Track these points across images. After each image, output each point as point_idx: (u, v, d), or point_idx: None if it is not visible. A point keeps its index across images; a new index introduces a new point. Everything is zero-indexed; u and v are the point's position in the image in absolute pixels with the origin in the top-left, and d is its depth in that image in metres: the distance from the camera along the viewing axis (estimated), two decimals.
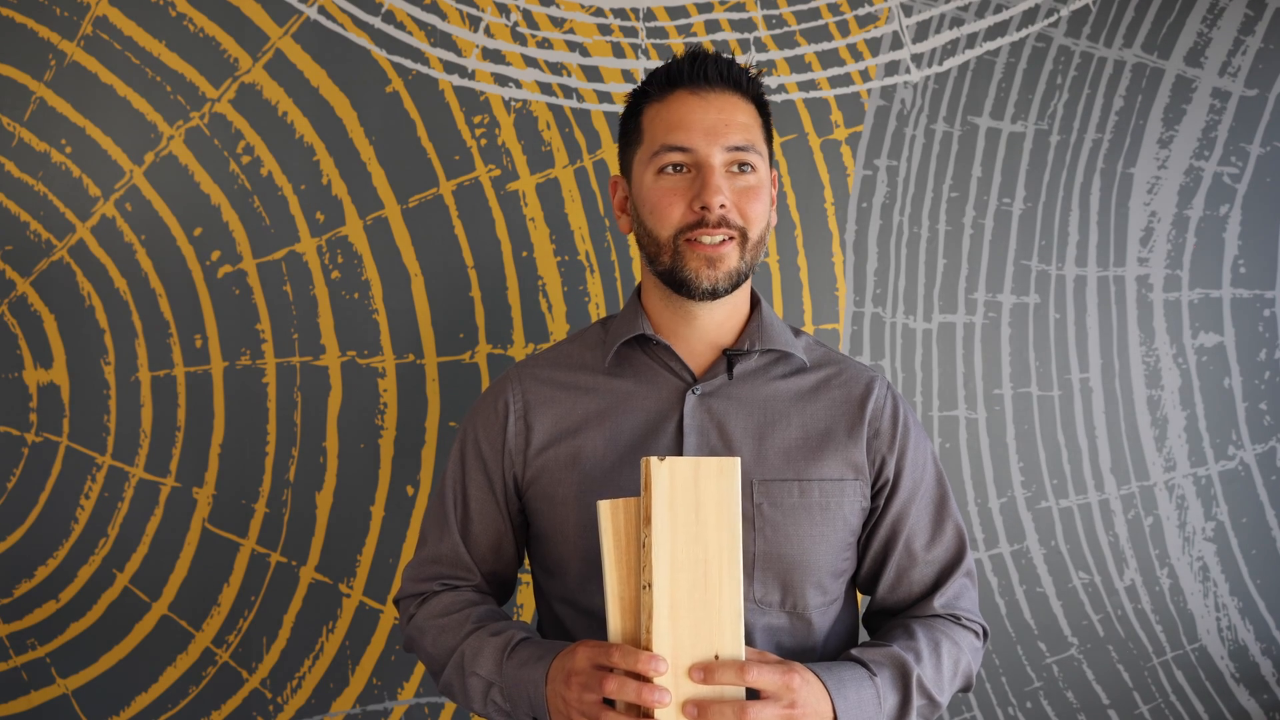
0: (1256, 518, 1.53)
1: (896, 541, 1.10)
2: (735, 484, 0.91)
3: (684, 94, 1.06)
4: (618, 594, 0.91)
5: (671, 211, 1.04)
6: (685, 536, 0.90)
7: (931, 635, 1.06)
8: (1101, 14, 1.51)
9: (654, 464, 0.90)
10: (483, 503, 1.13)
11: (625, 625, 0.92)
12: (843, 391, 1.11)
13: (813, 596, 1.06)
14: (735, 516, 0.91)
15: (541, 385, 1.13)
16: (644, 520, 0.90)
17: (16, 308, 1.44)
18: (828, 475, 1.06)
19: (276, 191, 1.45)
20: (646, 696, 0.87)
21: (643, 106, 1.09)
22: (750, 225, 1.05)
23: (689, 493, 0.90)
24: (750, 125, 1.07)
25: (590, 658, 0.92)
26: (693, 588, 0.90)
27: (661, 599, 0.89)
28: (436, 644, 1.07)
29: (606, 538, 0.91)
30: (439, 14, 1.46)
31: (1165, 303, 1.52)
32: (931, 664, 1.03)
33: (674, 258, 1.05)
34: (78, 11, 1.42)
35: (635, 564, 0.91)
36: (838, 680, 0.96)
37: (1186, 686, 1.53)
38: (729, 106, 1.06)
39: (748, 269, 1.07)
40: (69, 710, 1.45)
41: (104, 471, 1.45)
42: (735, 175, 1.05)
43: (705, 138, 1.04)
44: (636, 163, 1.09)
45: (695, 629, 0.90)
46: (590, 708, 0.90)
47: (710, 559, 0.90)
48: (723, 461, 0.91)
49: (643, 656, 0.88)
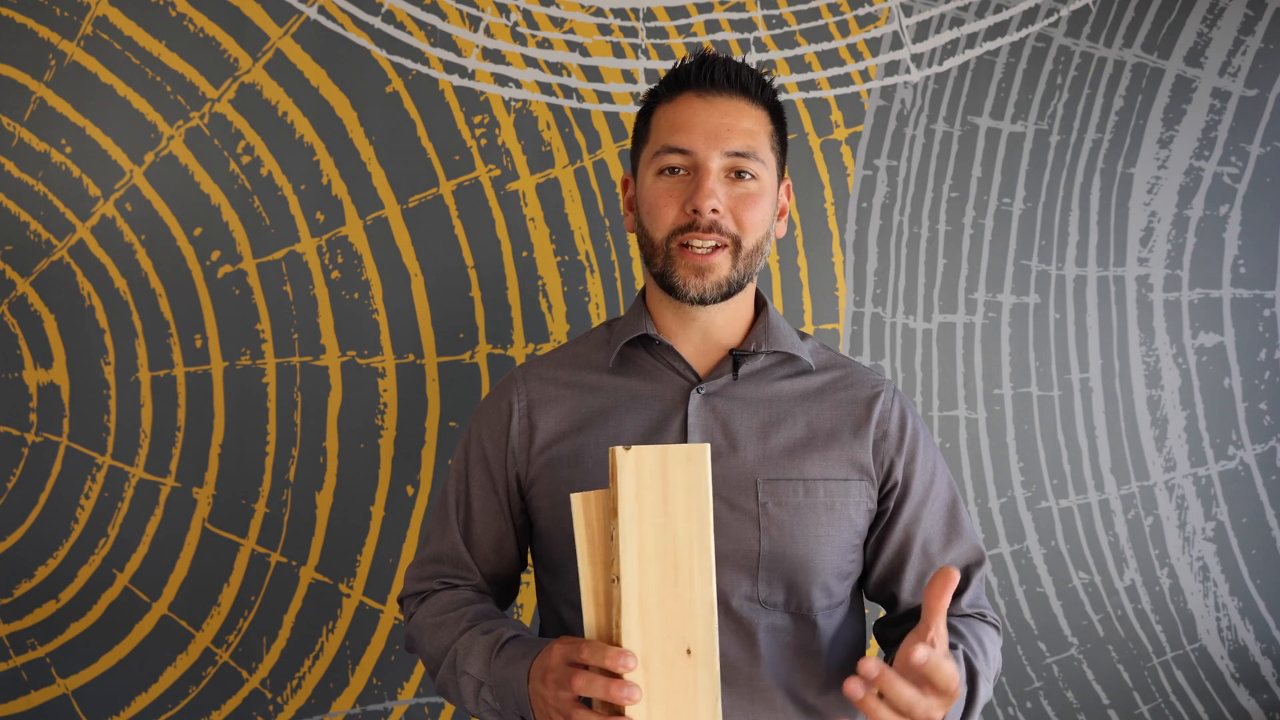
0: (1256, 518, 1.53)
1: (912, 546, 1.10)
2: (705, 471, 0.88)
3: (690, 96, 1.06)
4: (591, 588, 0.89)
5: (666, 213, 1.04)
6: (653, 527, 0.87)
7: (974, 632, 1.07)
8: (1101, 14, 1.51)
9: (619, 453, 0.87)
10: (485, 502, 1.13)
11: (600, 620, 0.90)
12: (849, 394, 1.10)
13: (818, 598, 1.06)
14: (706, 506, 0.88)
15: (546, 384, 1.13)
16: (611, 512, 0.88)
17: (16, 308, 1.44)
18: (833, 475, 1.06)
19: (276, 191, 1.45)
20: (615, 693, 0.85)
21: (654, 107, 1.10)
22: (745, 233, 1.04)
23: (656, 482, 0.87)
24: (755, 131, 1.06)
25: (564, 655, 0.91)
26: (663, 580, 0.87)
27: (630, 592, 0.86)
28: (433, 642, 1.07)
29: (579, 531, 0.89)
30: (439, 14, 1.46)
31: (1165, 303, 1.52)
32: (983, 660, 1.04)
33: (666, 261, 1.05)
34: (78, 11, 1.42)
35: (607, 557, 0.89)
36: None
37: (1186, 686, 1.53)
38: (734, 111, 1.05)
39: (741, 277, 1.06)
40: (69, 710, 1.45)
41: (104, 471, 1.45)
42: (734, 181, 1.05)
43: (705, 140, 1.03)
44: (641, 162, 1.09)
45: (666, 622, 0.87)
46: (564, 705, 0.89)
47: (680, 550, 0.88)
48: (691, 448, 0.88)
49: (611, 652, 0.86)
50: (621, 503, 0.87)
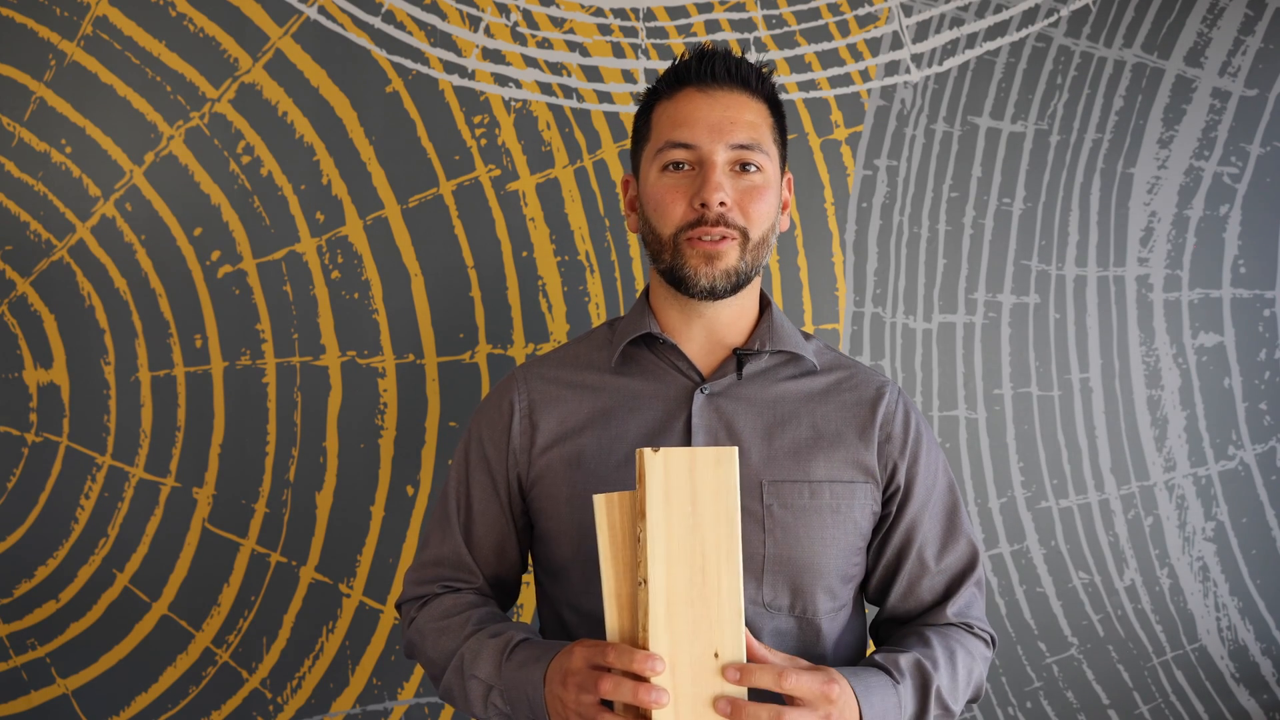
0: (1256, 518, 1.53)
1: (909, 550, 1.09)
2: (733, 475, 0.88)
3: (691, 91, 1.06)
4: (615, 591, 0.89)
5: (674, 209, 1.04)
6: (682, 530, 0.87)
7: (947, 644, 1.05)
8: (1101, 14, 1.51)
9: (648, 455, 0.86)
10: (486, 504, 1.12)
11: (623, 623, 0.89)
12: (854, 395, 1.10)
13: (823, 601, 1.05)
14: (734, 509, 0.88)
15: (547, 384, 1.12)
16: (639, 514, 0.87)
17: (16, 308, 1.44)
18: (838, 477, 1.05)
19: (276, 191, 1.45)
20: (643, 697, 0.85)
21: (653, 104, 1.09)
22: (752, 225, 1.04)
23: (685, 484, 0.87)
24: (757, 124, 1.06)
25: (587, 658, 0.90)
26: (690, 583, 0.87)
27: (658, 595, 0.86)
28: (436, 647, 1.06)
29: (602, 533, 0.89)
30: (439, 14, 1.46)
31: (1165, 303, 1.52)
32: (948, 673, 1.02)
33: (674, 255, 1.04)
34: (78, 11, 1.42)
35: (632, 560, 0.89)
36: (866, 687, 0.95)
37: (1186, 686, 1.53)
38: (735, 104, 1.05)
39: (749, 269, 1.05)
40: (69, 710, 1.45)
41: (104, 471, 1.45)
42: (739, 174, 1.04)
43: (709, 134, 1.03)
44: (644, 159, 1.09)
45: (694, 626, 0.87)
46: (587, 709, 0.88)
47: (708, 553, 0.87)
48: (720, 451, 0.88)
49: (639, 655, 0.85)
50: (650, 505, 0.86)
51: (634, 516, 0.88)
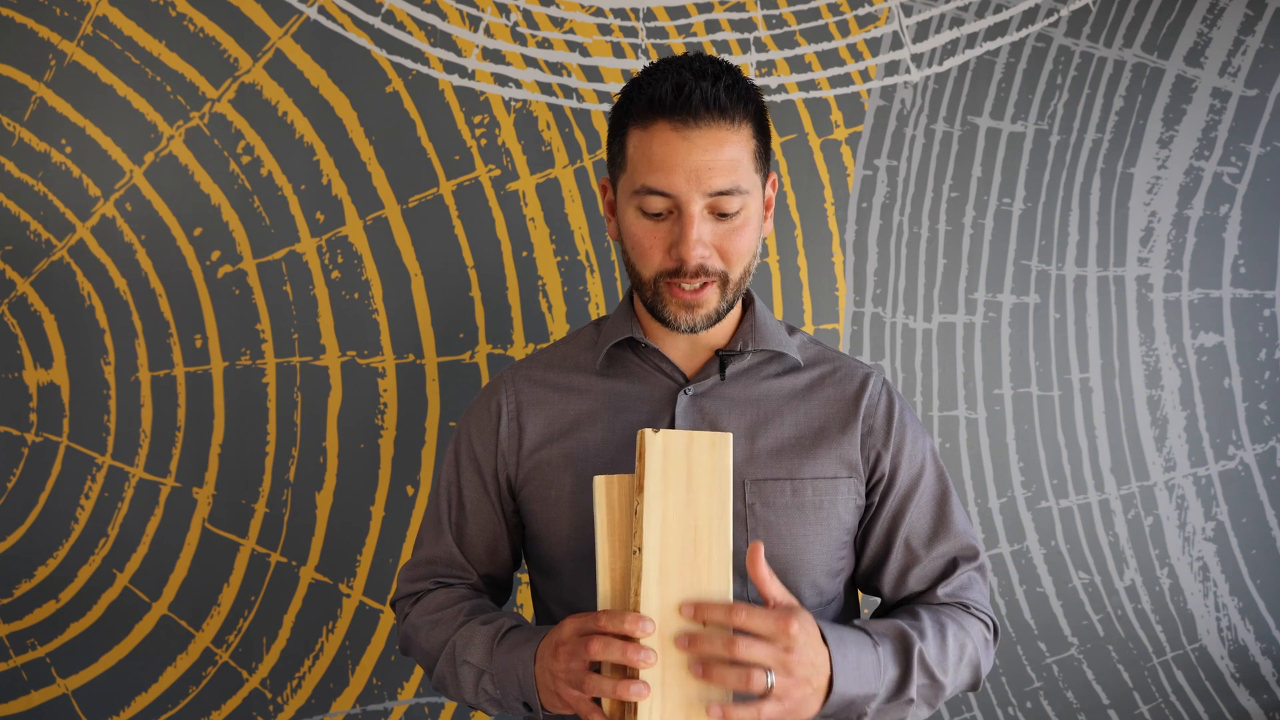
0: (1256, 518, 1.53)
1: (895, 538, 1.09)
2: (727, 458, 0.93)
3: (666, 127, 0.98)
4: (608, 565, 0.92)
5: (652, 255, 1.02)
6: (676, 504, 0.91)
7: (937, 617, 1.04)
8: (1101, 14, 1.51)
9: (648, 435, 0.91)
10: (477, 504, 1.13)
11: (615, 591, 0.92)
12: (837, 389, 1.10)
13: (809, 596, 1.06)
14: (726, 489, 0.92)
15: (534, 386, 1.13)
16: (636, 489, 0.91)
17: (16, 308, 1.44)
18: (821, 473, 1.06)
19: (276, 191, 1.45)
20: (631, 655, 0.87)
21: (627, 126, 1.02)
22: (733, 266, 1.02)
23: (681, 463, 0.92)
24: (738, 160, 1.00)
25: (577, 628, 0.92)
26: (682, 555, 0.91)
27: (650, 562, 0.90)
28: (430, 638, 1.07)
29: (600, 511, 0.92)
30: (439, 14, 1.46)
31: (1165, 303, 1.52)
32: (936, 642, 1.01)
33: (654, 297, 1.04)
34: (78, 11, 1.42)
35: (627, 536, 0.92)
36: (839, 638, 0.94)
37: (1186, 686, 1.53)
38: (714, 144, 0.98)
39: (731, 304, 1.06)
40: (69, 710, 1.45)
41: (104, 471, 1.45)
42: (718, 220, 1.01)
43: (686, 183, 0.98)
44: (620, 187, 1.05)
45: (683, 595, 0.90)
46: (576, 674, 0.90)
47: (700, 528, 0.92)
48: (715, 436, 0.93)
49: (629, 617, 0.88)
50: (648, 480, 0.91)
51: (632, 495, 0.92)
